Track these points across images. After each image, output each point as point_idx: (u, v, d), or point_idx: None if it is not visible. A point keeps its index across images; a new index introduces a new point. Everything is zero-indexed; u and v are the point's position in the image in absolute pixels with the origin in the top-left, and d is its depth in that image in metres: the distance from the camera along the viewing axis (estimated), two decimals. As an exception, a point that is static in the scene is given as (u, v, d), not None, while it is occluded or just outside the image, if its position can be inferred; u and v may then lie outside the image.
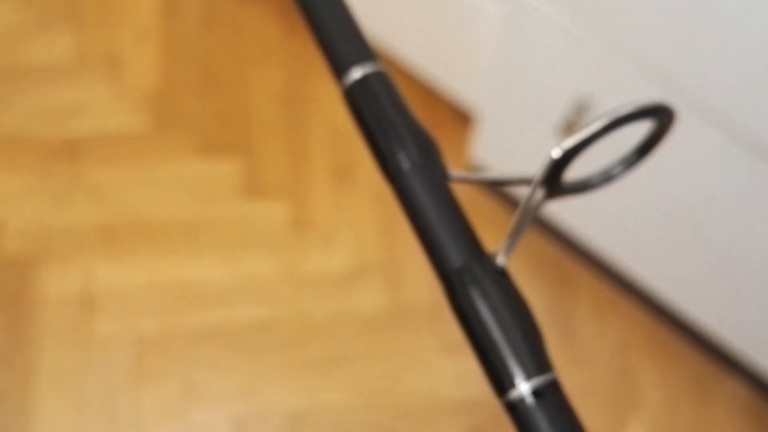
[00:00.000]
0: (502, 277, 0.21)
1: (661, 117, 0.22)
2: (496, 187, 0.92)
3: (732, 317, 0.79)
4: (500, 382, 0.20)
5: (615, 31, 0.57)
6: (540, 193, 0.22)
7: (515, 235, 0.22)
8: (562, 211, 0.85)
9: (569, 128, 0.67)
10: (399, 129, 0.24)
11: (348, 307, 0.89)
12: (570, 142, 0.21)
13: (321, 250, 0.91)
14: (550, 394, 0.20)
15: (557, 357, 0.99)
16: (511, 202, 0.93)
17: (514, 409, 0.20)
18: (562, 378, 0.20)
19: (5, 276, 0.89)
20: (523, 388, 0.19)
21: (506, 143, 0.80)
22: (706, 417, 0.86)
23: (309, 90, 0.99)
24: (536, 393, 0.19)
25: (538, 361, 0.20)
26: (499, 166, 0.87)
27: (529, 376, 0.20)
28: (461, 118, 0.96)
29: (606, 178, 0.24)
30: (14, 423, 0.84)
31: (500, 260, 0.22)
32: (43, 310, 0.88)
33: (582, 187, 0.24)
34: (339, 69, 0.24)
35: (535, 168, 0.22)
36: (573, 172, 0.23)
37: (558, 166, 0.22)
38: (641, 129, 0.24)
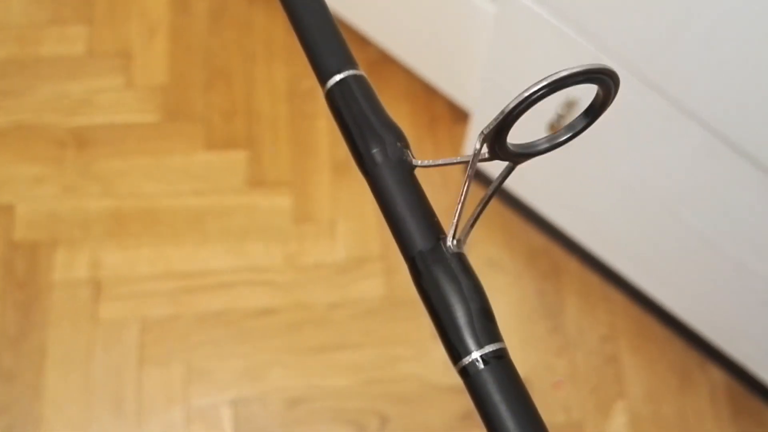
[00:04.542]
0: (457, 258, 0.24)
1: (605, 82, 0.22)
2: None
3: (708, 311, 0.82)
4: (455, 352, 0.22)
5: (604, 31, 0.60)
6: (485, 155, 0.23)
7: (461, 207, 0.24)
8: (547, 202, 0.88)
9: (560, 124, 0.70)
10: (374, 126, 0.25)
11: (347, 296, 0.92)
12: (512, 102, 0.21)
13: (322, 241, 0.94)
14: (498, 361, 0.22)
15: (547, 346, 1.03)
16: (506, 197, 0.96)
17: (467, 375, 0.22)
18: (551, 367, 0.22)
19: (16, 260, 0.92)
20: (475, 355, 0.22)
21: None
22: (688, 405, 0.89)
23: (312, 85, 1.02)
24: (485, 360, 0.22)
25: (487, 333, 0.22)
26: (495, 164, 0.89)
27: (479, 345, 0.22)
28: (458, 114, 0.99)
29: (552, 143, 0.24)
30: (23, 402, 0.86)
31: (453, 242, 0.24)
32: (52, 294, 0.90)
33: (527, 150, 0.24)
34: (321, 74, 0.27)
35: (528, 167, 0.23)
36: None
37: (501, 126, 0.22)
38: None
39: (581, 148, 0.74)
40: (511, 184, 0.91)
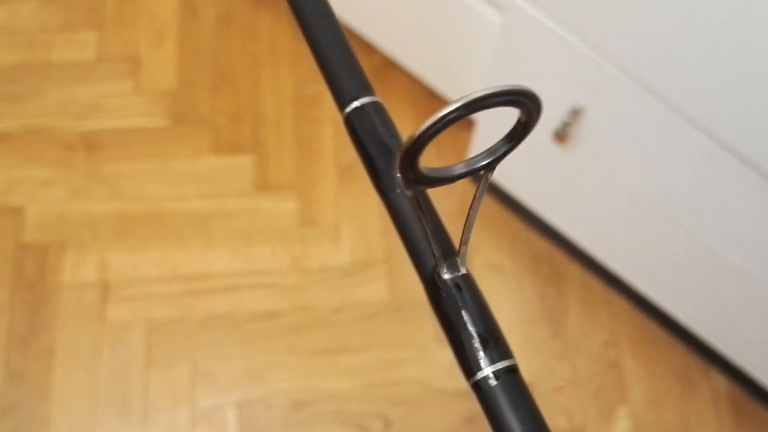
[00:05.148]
0: (467, 280, 0.25)
1: (525, 105, 0.21)
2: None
3: (710, 316, 0.83)
4: (469, 367, 0.24)
5: (606, 39, 0.61)
6: (401, 180, 0.22)
7: (468, 230, 0.24)
8: (550, 208, 0.89)
9: (565, 132, 0.71)
10: (392, 151, 0.26)
11: (351, 300, 0.92)
12: (427, 123, 0.21)
13: (326, 245, 0.95)
14: (510, 376, 0.23)
15: (549, 351, 1.03)
16: (509, 202, 0.96)
17: (479, 389, 0.24)
18: (553, 371, 0.23)
19: (25, 261, 0.93)
20: (487, 371, 0.23)
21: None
22: (691, 411, 0.90)
23: (317, 91, 1.03)
24: (497, 376, 0.23)
25: (499, 350, 0.24)
26: (500, 170, 0.90)
27: (492, 361, 0.23)
28: (463, 121, 1.00)
29: (470, 168, 0.23)
30: (31, 402, 0.87)
31: (462, 264, 0.25)
32: (60, 295, 0.91)
33: (441, 175, 0.23)
34: (340, 100, 0.28)
35: (532, 173, 0.24)
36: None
37: (414, 149, 0.21)
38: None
39: (584, 154, 0.74)
40: (514, 189, 0.91)
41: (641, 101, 0.63)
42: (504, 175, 0.90)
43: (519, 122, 0.22)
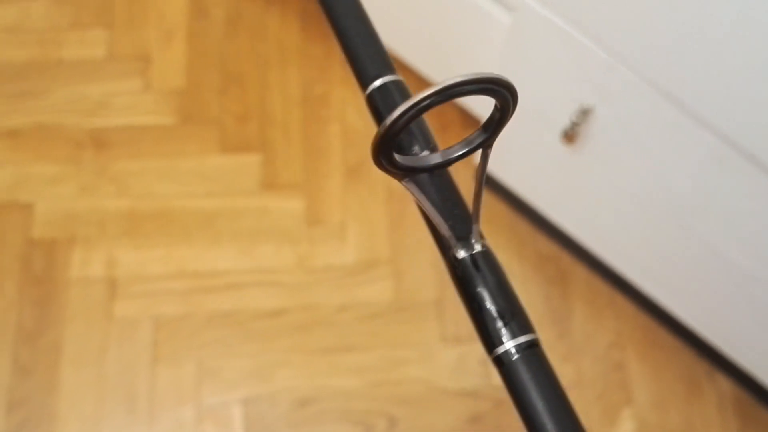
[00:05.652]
0: (488, 256, 0.25)
1: (501, 94, 0.21)
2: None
3: (716, 319, 0.82)
4: (490, 341, 0.24)
5: (617, 39, 0.61)
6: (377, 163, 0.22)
7: (479, 206, 0.24)
8: (556, 209, 0.89)
9: (574, 132, 0.71)
10: (411, 127, 0.27)
11: (355, 299, 0.93)
12: (400, 108, 0.20)
13: (332, 244, 0.95)
14: (531, 350, 0.23)
15: (554, 352, 1.03)
16: (516, 203, 0.96)
17: (501, 364, 0.24)
18: (558, 372, 0.24)
19: (34, 257, 0.94)
20: (509, 345, 0.23)
21: (513, 147, 0.84)
22: (696, 414, 0.89)
23: (324, 91, 1.03)
24: (519, 350, 0.23)
25: (520, 324, 0.24)
26: (507, 170, 0.90)
27: (513, 335, 0.24)
28: (469, 120, 1.01)
29: (446, 158, 0.23)
30: (39, 397, 0.88)
31: (481, 241, 0.25)
32: (68, 291, 0.92)
33: (416, 164, 0.23)
34: (363, 78, 0.28)
35: (539, 174, 0.24)
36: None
37: (387, 136, 0.21)
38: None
39: (591, 154, 0.75)
40: (520, 189, 0.91)
41: (651, 101, 0.63)
42: (511, 175, 0.90)
43: (495, 112, 0.22)
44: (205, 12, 1.08)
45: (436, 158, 0.23)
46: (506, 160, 0.87)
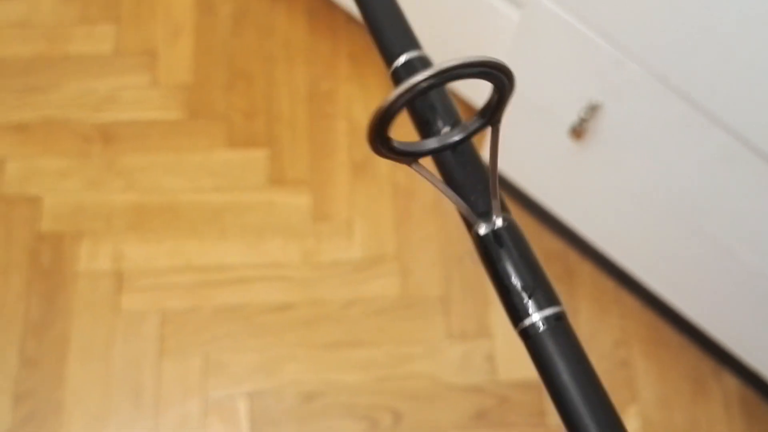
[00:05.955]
0: (513, 230, 0.25)
1: (498, 78, 0.21)
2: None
3: (723, 317, 0.82)
4: (517, 314, 0.24)
5: (628, 35, 0.61)
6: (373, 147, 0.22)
7: (497, 181, 0.24)
8: (563, 206, 0.89)
9: (582, 128, 0.71)
10: (434, 104, 0.27)
11: (362, 294, 0.93)
12: (397, 90, 0.20)
13: (339, 239, 0.96)
14: (558, 323, 0.23)
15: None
16: (522, 199, 0.96)
17: (527, 336, 0.23)
18: None
19: (41, 250, 0.94)
20: (535, 317, 0.23)
21: (520, 143, 0.84)
22: (701, 412, 0.89)
23: (331, 87, 1.04)
24: (545, 322, 0.23)
25: (546, 297, 0.24)
26: (513, 166, 0.90)
27: (540, 308, 0.23)
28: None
29: (442, 143, 0.23)
30: (46, 389, 0.88)
31: (503, 216, 0.25)
32: (76, 284, 0.92)
33: (413, 149, 0.23)
34: (389, 55, 0.28)
35: (546, 170, 0.24)
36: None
37: (384, 118, 0.20)
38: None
39: (599, 151, 0.75)
40: (527, 186, 0.91)
41: (661, 98, 0.62)
42: (517, 171, 0.90)
43: (492, 96, 0.22)
44: (212, 8, 1.08)
45: (432, 143, 0.24)
46: (513, 156, 0.87)
